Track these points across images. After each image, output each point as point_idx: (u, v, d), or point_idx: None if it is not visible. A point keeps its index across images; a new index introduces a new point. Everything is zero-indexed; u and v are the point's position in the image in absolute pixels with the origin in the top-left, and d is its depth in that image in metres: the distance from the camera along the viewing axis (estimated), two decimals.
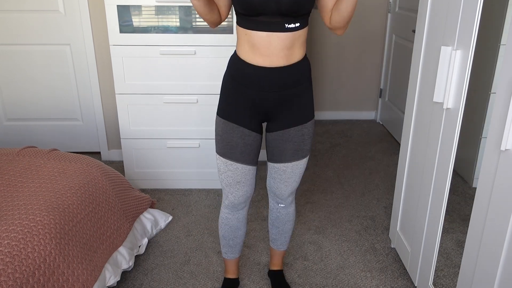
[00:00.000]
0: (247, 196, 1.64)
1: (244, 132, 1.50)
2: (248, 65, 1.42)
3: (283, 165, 1.59)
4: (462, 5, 1.42)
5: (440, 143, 1.61)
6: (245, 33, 1.39)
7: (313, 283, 1.97)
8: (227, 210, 1.69)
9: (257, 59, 1.40)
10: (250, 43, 1.39)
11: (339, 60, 3.94)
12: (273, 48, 1.37)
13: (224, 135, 1.52)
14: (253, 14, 1.33)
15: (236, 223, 1.72)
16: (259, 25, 1.35)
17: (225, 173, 1.57)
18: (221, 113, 1.52)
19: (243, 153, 1.53)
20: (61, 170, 1.86)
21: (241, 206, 1.67)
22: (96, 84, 3.02)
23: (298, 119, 1.52)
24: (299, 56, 1.44)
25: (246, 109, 1.49)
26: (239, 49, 1.44)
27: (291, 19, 1.34)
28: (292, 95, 1.48)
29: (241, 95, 1.48)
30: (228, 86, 1.50)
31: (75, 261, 1.57)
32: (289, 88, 1.46)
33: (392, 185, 2.85)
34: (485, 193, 1.30)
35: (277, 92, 1.45)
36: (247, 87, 1.45)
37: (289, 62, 1.41)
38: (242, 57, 1.44)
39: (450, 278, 1.96)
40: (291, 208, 1.76)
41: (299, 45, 1.41)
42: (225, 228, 1.73)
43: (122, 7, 2.40)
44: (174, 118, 2.61)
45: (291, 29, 1.36)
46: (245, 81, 1.45)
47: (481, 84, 2.57)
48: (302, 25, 1.38)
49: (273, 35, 1.35)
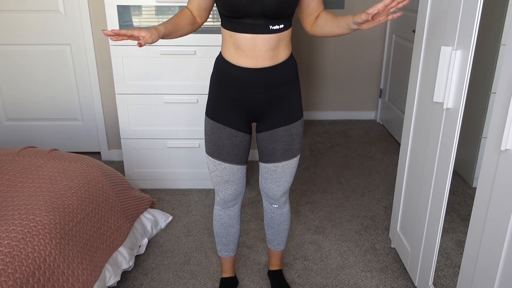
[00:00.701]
0: (237, 193, 1.67)
1: (231, 132, 1.52)
2: (233, 67, 1.44)
3: (273, 165, 1.60)
4: (462, 5, 1.42)
5: (440, 143, 1.61)
6: (230, 35, 1.41)
7: (313, 283, 1.97)
8: (219, 207, 1.72)
9: (242, 61, 1.42)
10: (235, 44, 1.40)
11: (339, 60, 3.95)
12: (258, 50, 1.39)
13: (211, 135, 1.54)
14: (238, 17, 1.35)
15: (228, 220, 1.73)
16: (244, 27, 1.36)
17: (214, 172, 1.59)
18: (209, 114, 1.54)
19: (230, 153, 1.54)
20: (61, 170, 1.86)
21: (231, 203, 1.69)
22: (96, 84, 3.03)
23: (286, 119, 1.52)
24: (284, 56, 1.45)
25: (233, 109, 1.50)
26: (224, 50, 1.46)
27: (275, 21, 1.36)
28: (279, 95, 1.49)
29: (227, 96, 1.49)
30: (215, 87, 1.52)
31: (75, 261, 1.57)
32: (275, 88, 1.47)
33: (392, 185, 2.85)
34: (485, 193, 1.30)
35: (263, 92, 1.46)
36: (233, 88, 1.47)
37: (274, 62, 1.43)
38: (227, 59, 1.45)
39: (450, 278, 1.96)
40: (285, 209, 1.76)
41: (284, 46, 1.43)
42: (217, 225, 1.76)
43: (122, 7, 2.40)
44: (174, 118, 2.62)
45: (276, 31, 1.38)
46: (230, 82, 1.46)
47: (481, 84, 2.57)
48: (286, 27, 1.40)
49: (258, 37, 1.37)
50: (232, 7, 1.32)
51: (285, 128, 1.53)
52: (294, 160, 1.60)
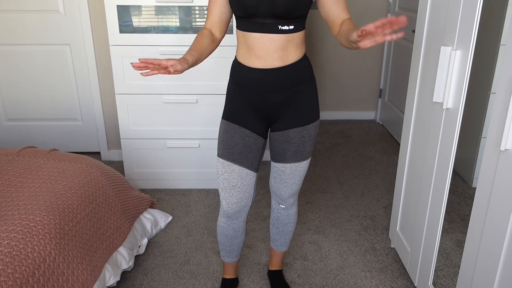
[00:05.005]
0: (242, 205, 1.60)
1: (245, 132, 1.51)
2: (245, 68, 1.45)
3: (282, 165, 1.59)
4: (462, 5, 1.42)
5: (440, 143, 1.61)
6: (242, 35, 1.43)
7: (313, 283, 1.97)
8: (223, 219, 1.66)
9: (253, 61, 1.43)
10: (246, 44, 1.42)
11: (339, 60, 3.95)
12: (266, 49, 1.40)
13: (224, 135, 1.53)
14: (248, 15, 1.37)
15: (232, 232, 1.68)
16: (254, 26, 1.38)
17: (222, 175, 1.55)
18: (225, 116, 1.55)
19: (241, 154, 1.52)
20: (61, 170, 1.86)
21: (235, 216, 1.62)
22: (96, 84, 3.03)
23: (298, 121, 1.51)
24: (296, 57, 1.44)
25: (248, 112, 1.51)
26: (238, 52, 1.48)
27: (284, 21, 1.36)
28: (291, 96, 1.48)
29: (242, 98, 1.50)
30: (231, 90, 1.54)
31: (75, 261, 1.57)
32: (286, 90, 1.46)
33: (392, 185, 2.85)
34: (484, 193, 1.30)
35: (274, 93, 1.46)
36: (246, 90, 1.48)
37: (284, 63, 1.43)
38: (240, 60, 1.47)
39: (450, 278, 1.96)
40: (292, 210, 1.75)
41: (294, 47, 1.42)
42: (221, 235, 1.72)
43: (122, 7, 2.40)
44: (174, 118, 2.62)
45: (285, 31, 1.38)
46: (244, 84, 1.48)
47: (481, 84, 2.57)
48: (297, 28, 1.40)
49: (267, 36, 1.38)
50: (241, 5, 1.35)
51: (297, 130, 1.52)
52: (304, 163, 1.59)
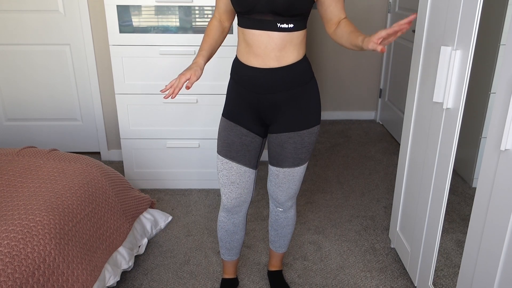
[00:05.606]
0: (242, 200, 1.62)
1: (242, 131, 1.51)
2: (244, 66, 1.45)
3: (276, 169, 1.58)
4: (462, 5, 1.42)
5: (440, 143, 1.61)
6: (242, 32, 1.42)
7: (313, 283, 1.97)
8: (223, 213, 1.68)
9: (251, 59, 1.42)
10: (245, 42, 1.42)
11: (339, 60, 3.95)
12: (264, 47, 1.38)
13: (222, 133, 1.54)
14: (247, 11, 1.35)
15: (232, 228, 1.70)
16: (252, 23, 1.37)
17: (222, 172, 1.58)
18: (224, 113, 1.55)
19: (239, 152, 1.53)
20: (60, 170, 1.86)
21: (235, 210, 1.64)
22: (96, 84, 3.02)
23: (291, 126, 1.48)
24: (293, 58, 1.41)
25: (246, 110, 1.50)
26: (238, 50, 1.48)
27: (284, 19, 1.34)
28: (286, 99, 1.45)
29: (240, 96, 1.50)
30: (231, 88, 1.54)
31: (75, 261, 1.57)
32: (283, 91, 1.44)
33: (392, 185, 2.85)
34: (485, 193, 1.30)
35: (269, 94, 1.44)
36: (244, 88, 1.48)
37: (280, 64, 1.40)
38: (239, 58, 1.47)
39: (450, 278, 1.96)
40: (290, 213, 1.75)
41: (292, 47, 1.39)
42: (221, 231, 1.73)
43: (121, 7, 2.40)
44: (174, 118, 2.61)
45: (284, 29, 1.35)
46: (242, 82, 1.47)
47: (481, 84, 2.57)
48: (297, 28, 1.37)
49: (265, 34, 1.36)
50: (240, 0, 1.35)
51: (289, 135, 1.49)
52: (298, 169, 1.56)
